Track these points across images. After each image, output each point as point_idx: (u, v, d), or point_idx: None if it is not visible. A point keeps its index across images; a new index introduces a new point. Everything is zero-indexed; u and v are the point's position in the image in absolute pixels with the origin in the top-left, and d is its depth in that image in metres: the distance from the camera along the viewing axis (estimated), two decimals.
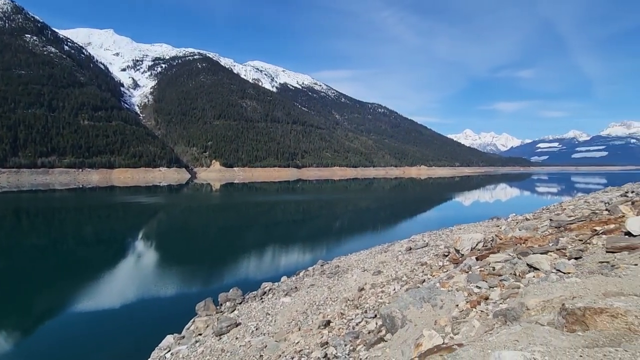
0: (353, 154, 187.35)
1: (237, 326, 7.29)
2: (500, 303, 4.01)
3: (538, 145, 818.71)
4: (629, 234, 5.58)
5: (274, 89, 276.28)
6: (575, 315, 2.56)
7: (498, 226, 14.57)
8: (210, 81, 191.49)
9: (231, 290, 9.74)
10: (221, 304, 9.09)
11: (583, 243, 5.93)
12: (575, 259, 5.06)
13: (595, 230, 6.49)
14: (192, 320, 8.15)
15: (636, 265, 4.06)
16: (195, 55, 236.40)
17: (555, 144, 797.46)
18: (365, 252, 13.55)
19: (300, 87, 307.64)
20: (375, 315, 5.86)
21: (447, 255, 9.78)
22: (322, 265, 12.19)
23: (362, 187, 75.86)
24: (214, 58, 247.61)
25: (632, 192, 16.78)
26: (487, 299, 4.34)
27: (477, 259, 6.66)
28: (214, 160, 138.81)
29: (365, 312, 6.54)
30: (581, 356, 1.74)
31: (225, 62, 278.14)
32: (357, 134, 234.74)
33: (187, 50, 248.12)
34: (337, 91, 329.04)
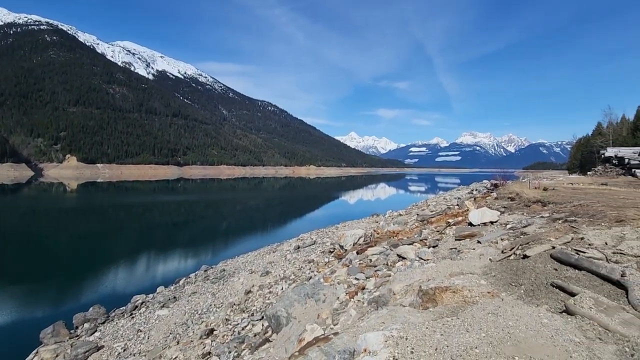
0: (242, 152, 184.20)
1: (98, 350, 6.40)
2: (374, 291, 4.56)
3: (410, 149, 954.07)
4: (470, 224, 7.03)
5: (150, 76, 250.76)
6: (428, 295, 3.11)
7: (377, 222, 16.39)
8: (63, 59, 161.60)
9: (91, 309, 8.49)
10: (77, 327, 7.84)
11: (440, 233, 7.20)
12: (433, 247, 6.12)
13: (449, 222, 7.96)
14: (34, 351, 6.81)
15: (474, 249, 5.15)
16: (43, 24, 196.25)
17: (424, 149, 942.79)
18: (254, 253, 13.50)
19: (182, 77, 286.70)
20: (262, 317, 5.93)
21: (332, 252, 10.51)
22: (205, 271, 11.70)
23: (251, 186, 75.31)
24: (69, 32, 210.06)
25: (476, 190, 21.00)
26: (363, 288, 4.87)
27: (357, 253, 7.39)
28: (68, 155, 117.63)
29: (252, 315, 6.55)
30: (427, 327, 2.14)
31: (85, 38, 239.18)
32: (246, 131, 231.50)
33: (30, 17, 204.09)
34: (224, 85, 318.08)
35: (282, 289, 7.52)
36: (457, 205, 11.24)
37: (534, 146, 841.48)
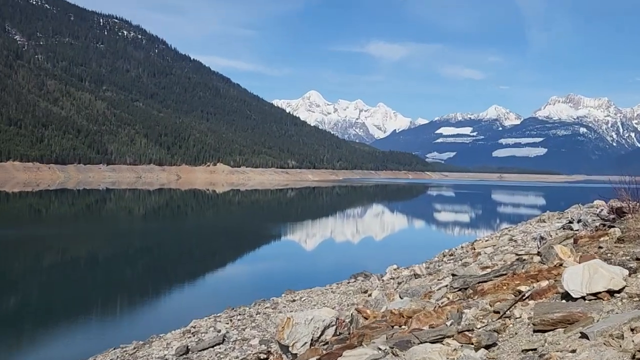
0: (58, 131, 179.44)
1: None
2: None
3: (439, 131, 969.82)
4: (567, 295, 7.17)
5: None
6: None
7: (366, 292, 16.48)
8: None
9: None
10: None
11: (501, 317, 7.29)
12: (487, 347, 6.17)
13: (520, 291, 8.10)
14: None
15: (574, 352, 5.24)
16: None
17: (468, 130, 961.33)
18: None
19: None
20: None
21: (265, 359, 10.40)
22: None
23: (80, 209, 73.75)
24: None
25: (579, 221, 21.73)
26: None
27: None
28: None
29: None
30: None
31: None
32: (70, 83, 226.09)
33: None
34: None
35: None
36: (538, 253, 11.58)
37: None
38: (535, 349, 5.79)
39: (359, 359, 6.95)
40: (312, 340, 9.07)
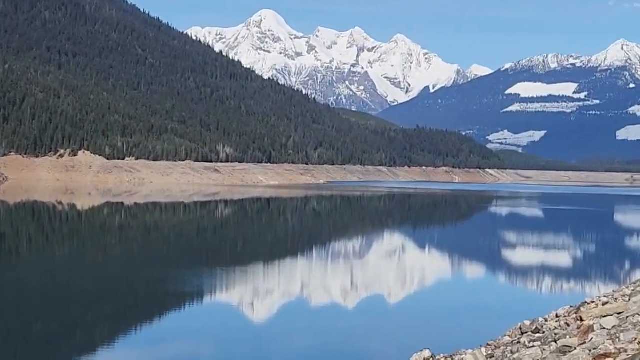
0: None
1: None
2: None
3: (514, 90, 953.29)
4: None
5: None
6: None
7: None
8: None
9: None
10: None
11: None
12: None
13: None
14: None
15: None
16: None
17: (570, 89, 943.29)
18: None
19: None
20: None
21: None
22: None
23: None
24: None
25: None
26: None
27: None
28: None
29: None
30: None
31: None
32: None
33: None
34: None
35: None
36: None
37: None
38: None
39: None
40: None
